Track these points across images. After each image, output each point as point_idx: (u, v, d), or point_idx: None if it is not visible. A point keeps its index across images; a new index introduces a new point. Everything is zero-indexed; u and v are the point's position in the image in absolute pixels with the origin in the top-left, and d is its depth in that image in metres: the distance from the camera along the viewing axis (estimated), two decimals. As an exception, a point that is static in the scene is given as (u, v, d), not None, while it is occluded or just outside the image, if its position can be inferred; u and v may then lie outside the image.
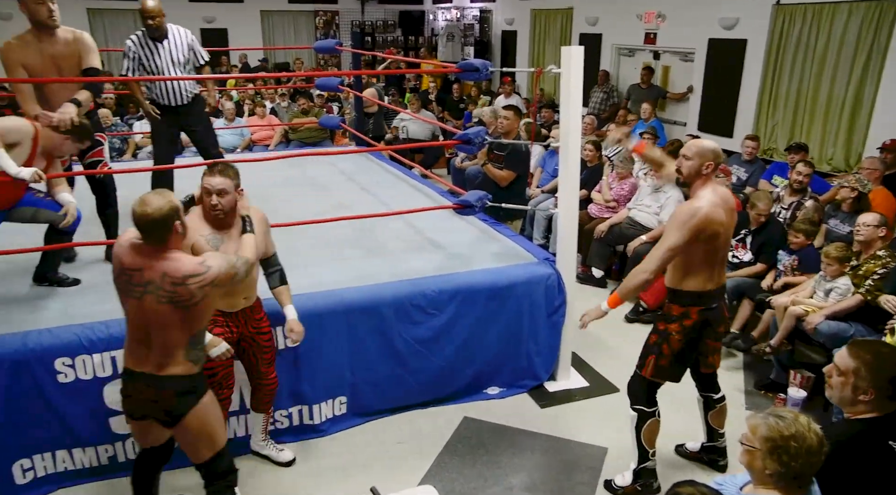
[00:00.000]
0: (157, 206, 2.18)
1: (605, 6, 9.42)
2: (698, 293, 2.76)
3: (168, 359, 2.28)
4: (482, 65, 3.74)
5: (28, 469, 2.93)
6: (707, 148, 2.71)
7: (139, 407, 2.37)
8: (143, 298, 2.23)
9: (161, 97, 4.27)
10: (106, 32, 12.59)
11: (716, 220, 2.63)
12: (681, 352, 2.83)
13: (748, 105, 7.27)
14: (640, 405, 2.90)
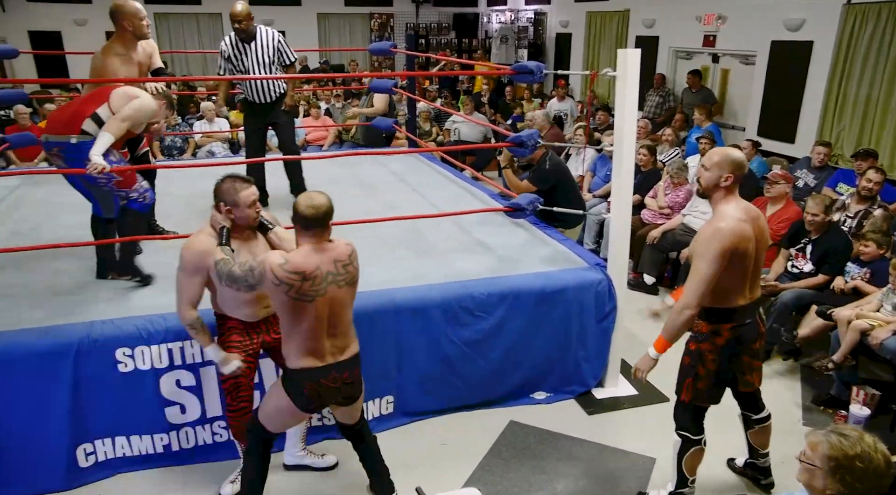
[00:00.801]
0: (325, 201, 2.39)
1: (662, 8, 9.24)
2: (730, 310, 2.62)
3: (348, 341, 2.52)
4: (536, 67, 3.72)
5: (90, 453, 3.06)
6: (727, 158, 2.54)
7: (331, 396, 2.54)
8: (327, 292, 2.39)
9: (250, 95, 4.61)
10: (170, 35, 13.06)
11: (744, 237, 2.49)
12: (718, 372, 2.69)
13: (812, 110, 7.00)
14: (686, 431, 2.77)
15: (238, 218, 2.62)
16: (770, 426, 2.98)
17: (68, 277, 3.57)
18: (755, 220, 2.59)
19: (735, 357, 2.70)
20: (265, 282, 2.36)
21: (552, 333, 3.65)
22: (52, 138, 3.25)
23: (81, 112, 3.23)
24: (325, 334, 2.44)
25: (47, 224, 4.39)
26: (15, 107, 6.97)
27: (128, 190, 3.35)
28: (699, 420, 2.78)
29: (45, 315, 3.10)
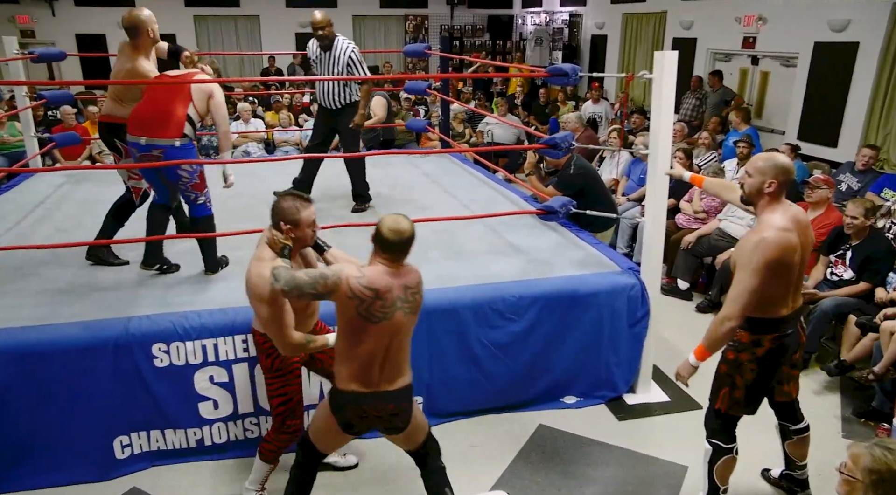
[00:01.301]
0: (408, 227, 2.35)
1: (701, 9, 9.09)
2: (774, 320, 2.54)
3: (401, 370, 2.45)
4: (571, 69, 3.69)
5: (126, 445, 3.14)
6: (770, 164, 2.46)
7: (373, 423, 2.48)
8: (394, 316, 2.33)
9: (320, 98, 4.82)
10: (209, 37, 13.32)
11: (789, 248, 2.41)
12: (755, 382, 2.62)
13: (857, 113, 6.81)
14: (717, 440, 2.72)
15: (297, 237, 2.54)
16: (809, 437, 2.90)
17: (108, 273, 3.67)
18: (803, 229, 2.51)
19: (773, 368, 2.63)
20: (338, 294, 2.27)
21: (583, 337, 3.61)
22: (155, 141, 3.37)
23: (177, 114, 3.40)
24: (379, 361, 2.38)
25: (90, 221, 4.51)
26: (62, 107, 7.19)
27: (199, 192, 3.53)
28: (731, 428, 2.72)
29: (86, 309, 3.19)
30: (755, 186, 2.49)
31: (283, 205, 2.51)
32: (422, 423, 2.63)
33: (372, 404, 2.40)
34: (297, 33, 13.58)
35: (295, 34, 13.58)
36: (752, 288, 2.41)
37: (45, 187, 5.34)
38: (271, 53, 12.56)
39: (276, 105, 8.99)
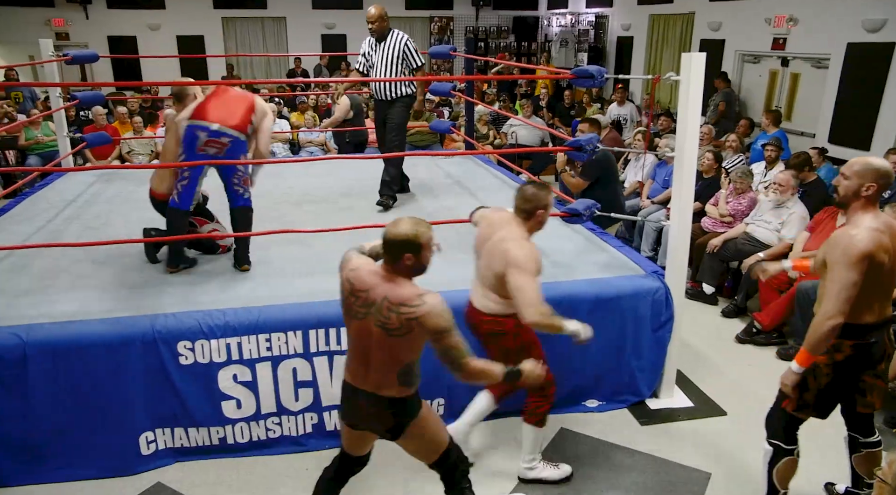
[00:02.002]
0: (404, 230, 2.23)
1: (729, 10, 8.97)
2: (855, 326, 2.46)
3: (385, 381, 2.31)
4: (597, 71, 3.66)
5: (151, 441, 3.18)
6: (870, 167, 2.41)
7: (362, 421, 2.44)
8: (366, 319, 2.27)
9: (373, 91, 5.10)
10: (236, 38, 13.49)
11: (882, 246, 2.36)
12: (829, 387, 2.55)
13: (891, 115, 6.66)
14: (778, 440, 2.65)
15: (543, 223, 2.91)
16: (880, 453, 2.77)
17: (136, 271, 3.73)
18: (894, 236, 2.45)
19: (852, 375, 2.56)
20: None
21: (606, 341, 3.58)
22: (229, 131, 3.56)
23: (246, 114, 3.65)
24: (361, 358, 2.34)
25: (118, 220, 4.60)
26: (93, 108, 7.34)
27: (246, 187, 3.75)
28: (793, 430, 2.66)
29: (114, 306, 3.25)
30: (852, 189, 2.45)
31: (540, 194, 2.88)
32: (429, 442, 2.47)
33: (353, 398, 2.39)
34: (323, 34, 13.70)
35: (321, 35, 13.70)
36: (849, 281, 2.35)
37: (77, 186, 5.45)
38: (297, 54, 12.68)
39: (301, 106, 9.08)
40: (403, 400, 2.36)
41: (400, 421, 2.38)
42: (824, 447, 3.01)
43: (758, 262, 3.01)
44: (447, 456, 2.51)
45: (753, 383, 4.00)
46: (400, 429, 2.39)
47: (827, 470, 3.12)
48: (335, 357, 3.25)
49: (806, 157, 5.39)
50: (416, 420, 2.40)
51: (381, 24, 4.80)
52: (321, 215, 4.66)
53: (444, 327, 2.21)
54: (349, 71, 12.89)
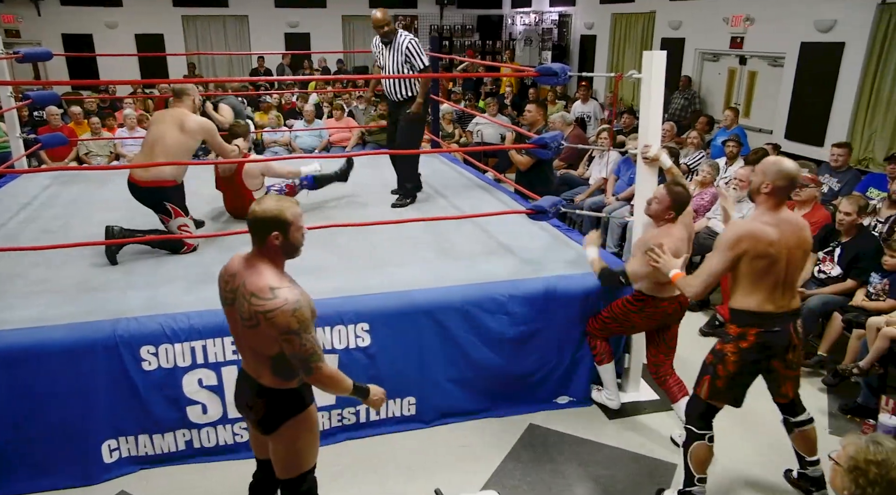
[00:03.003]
0: (265, 208, 2.10)
1: (689, 10, 9.15)
2: (755, 313, 2.63)
3: (260, 369, 2.19)
4: (561, 69, 3.70)
5: (114, 449, 3.11)
6: (774, 167, 2.58)
7: (241, 407, 2.36)
8: (233, 305, 2.17)
9: (385, 91, 5.08)
10: (197, 37, 13.25)
11: (762, 240, 2.54)
12: (737, 374, 2.70)
13: (843, 113, 6.88)
14: (690, 425, 2.81)
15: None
16: (812, 430, 2.94)
17: (97, 274, 3.64)
18: (794, 231, 2.61)
19: (758, 363, 2.70)
20: None
21: (573, 337, 3.62)
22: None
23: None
24: (239, 343, 2.26)
25: (77, 222, 4.48)
26: (47, 108, 7.13)
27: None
28: (708, 417, 2.81)
29: (73, 311, 3.16)
30: (755, 185, 2.64)
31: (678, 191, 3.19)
32: (294, 455, 2.29)
33: (239, 381, 2.32)
34: (287, 33, 13.55)
35: (284, 34, 13.55)
36: (715, 269, 2.64)
37: (32, 189, 5.29)
38: (261, 53, 12.52)
39: (264, 105, 8.96)
40: (280, 392, 2.20)
41: (272, 413, 2.21)
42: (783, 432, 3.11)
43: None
44: (301, 482, 2.33)
45: (717, 375, 4.08)
46: (272, 424, 2.22)
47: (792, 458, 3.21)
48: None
49: (764, 153, 5.53)
50: (293, 421, 2.22)
51: (390, 28, 4.81)
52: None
53: (292, 329, 2.02)
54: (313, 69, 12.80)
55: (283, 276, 2.14)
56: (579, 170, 7.01)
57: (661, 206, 3.19)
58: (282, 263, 2.17)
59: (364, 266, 3.79)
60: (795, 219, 2.68)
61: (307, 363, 2.08)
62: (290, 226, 2.11)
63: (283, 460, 2.30)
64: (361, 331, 3.26)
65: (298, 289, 2.11)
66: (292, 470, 2.30)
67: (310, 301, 2.11)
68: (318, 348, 2.10)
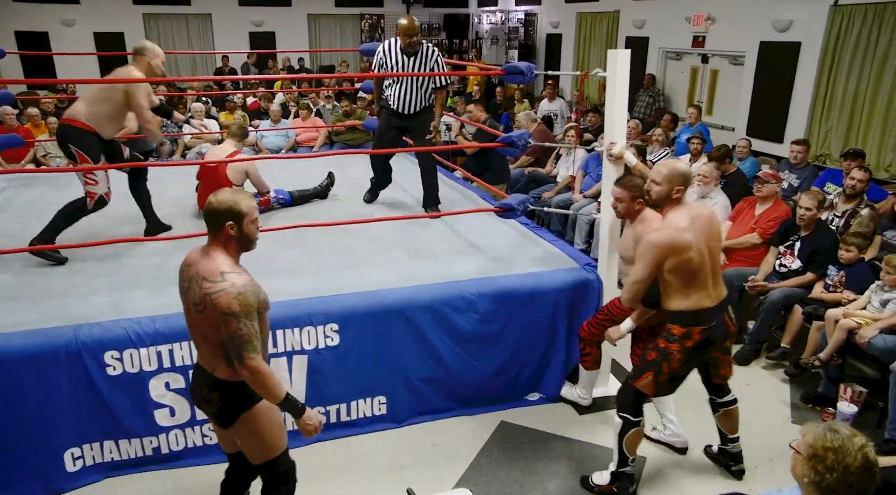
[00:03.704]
0: (225, 198, 2.18)
1: (652, 9, 9.28)
2: (696, 312, 2.73)
3: (215, 361, 2.23)
4: (527, 67, 3.72)
5: (78, 457, 3.04)
6: (678, 172, 2.71)
7: (199, 402, 2.37)
8: (187, 294, 2.22)
9: (395, 103, 4.61)
10: (160, 36, 13.00)
11: (679, 245, 2.64)
12: (681, 370, 2.84)
13: (800, 109, 7.06)
14: (626, 413, 2.90)
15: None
16: (736, 410, 3.10)
17: (57, 279, 3.55)
18: (703, 224, 2.72)
19: (701, 357, 2.86)
20: None
21: (543, 333, 3.66)
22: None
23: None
24: (191, 334, 2.31)
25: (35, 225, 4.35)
26: (1, 108, 6.91)
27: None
28: (641, 405, 2.93)
29: (34, 317, 3.07)
30: (665, 193, 2.73)
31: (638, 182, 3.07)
32: (260, 442, 2.32)
33: (195, 376, 2.35)
34: (251, 32, 13.38)
35: (249, 33, 13.37)
36: (638, 279, 2.71)
37: (-13, 192, 5.14)
38: (225, 52, 12.33)
39: (230, 105, 8.84)
40: (234, 385, 2.23)
41: (228, 406, 2.25)
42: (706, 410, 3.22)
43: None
44: (276, 465, 2.36)
45: (683, 368, 4.16)
46: (228, 417, 2.26)
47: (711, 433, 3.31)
48: (271, 360, 3.19)
49: (727, 150, 5.64)
50: (249, 413, 2.25)
51: (418, 40, 4.44)
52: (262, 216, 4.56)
53: (232, 311, 2.07)
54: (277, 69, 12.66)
55: (237, 265, 2.21)
56: (547, 167, 7.06)
57: (625, 203, 3.18)
58: (236, 254, 2.24)
59: (333, 266, 3.76)
60: (702, 211, 2.80)
61: (240, 349, 2.10)
62: (244, 217, 2.18)
63: (251, 449, 2.35)
64: (331, 331, 3.24)
65: (249, 278, 2.17)
66: (263, 456, 2.35)
67: (258, 291, 2.16)
68: (256, 340, 2.12)
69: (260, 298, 2.16)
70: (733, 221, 4.85)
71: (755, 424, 3.57)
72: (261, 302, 2.17)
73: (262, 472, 2.39)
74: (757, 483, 3.12)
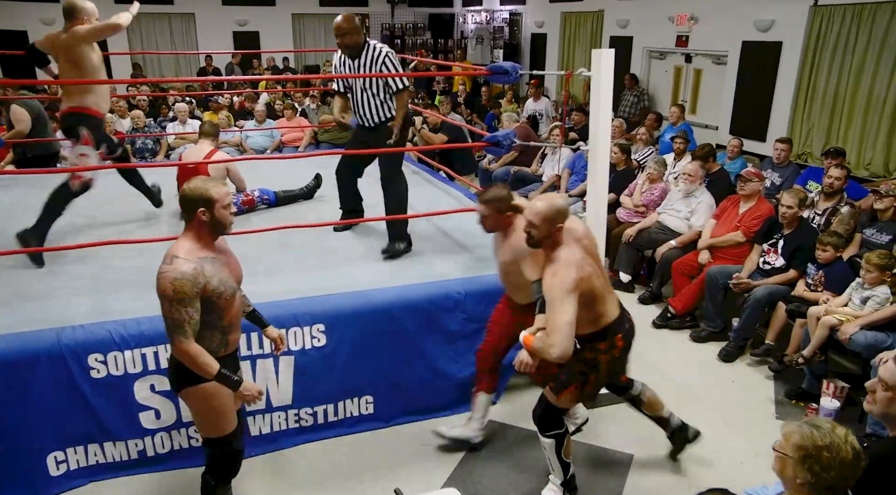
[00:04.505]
0: (192, 187, 2.31)
1: (636, 9, 9.33)
2: (613, 322, 2.71)
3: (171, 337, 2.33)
4: (511, 67, 3.72)
5: (61, 461, 3.00)
6: (554, 210, 2.56)
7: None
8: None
9: (354, 114, 4.10)
10: (142, 36, 12.88)
11: (585, 273, 2.53)
12: (606, 377, 2.85)
13: (782, 108, 7.14)
14: (556, 429, 2.85)
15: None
16: (650, 390, 3.14)
17: (38, 282, 3.50)
18: (587, 247, 2.68)
19: (625, 359, 2.86)
20: None
21: (530, 332, 3.66)
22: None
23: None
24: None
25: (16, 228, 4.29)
26: (-20, 108, 6.81)
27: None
28: (561, 417, 2.88)
29: (14, 321, 3.03)
30: (545, 233, 2.59)
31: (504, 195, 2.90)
32: (203, 422, 2.50)
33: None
34: (235, 31, 13.28)
35: (233, 33, 13.27)
36: (571, 318, 2.45)
37: (-34, 193, 5.06)
38: (208, 52, 12.24)
39: (214, 105, 8.77)
40: (173, 363, 2.41)
41: (173, 376, 2.44)
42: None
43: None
44: (212, 444, 2.52)
45: (670, 366, 4.20)
46: (174, 386, 2.46)
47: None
48: (258, 361, 3.17)
49: (710, 149, 5.69)
50: (190, 389, 2.39)
51: (354, 38, 3.80)
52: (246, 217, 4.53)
53: (165, 294, 2.22)
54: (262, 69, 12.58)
55: (202, 251, 2.31)
56: (532, 167, 7.09)
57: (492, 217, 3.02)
58: (208, 238, 2.35)
59: (319, 266, 3.75)
60: (579, 230, 2.71)
61: (170, 331, 2.26)
62: (215, 203, 2.30)
63: (199, 423, 2.55)
64: (317, 332, 3.23)
65: (200, 267, 2.25)
66: (202, 430, 2.53)
67: (200, 279, 2.24)
68: (186, 325, 2.24)
69: (208, 286, 2.26)
70: (717, 219, 4.90)
71: (740, 420, 3.60)
72: (212, 290, 2.28)
73: (208, 447, 2.54)
74: (742, 479, 3.15)
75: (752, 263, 4.49)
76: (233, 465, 2.60)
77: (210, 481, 2.59)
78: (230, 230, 2.40)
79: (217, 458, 2.55)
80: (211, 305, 2.31)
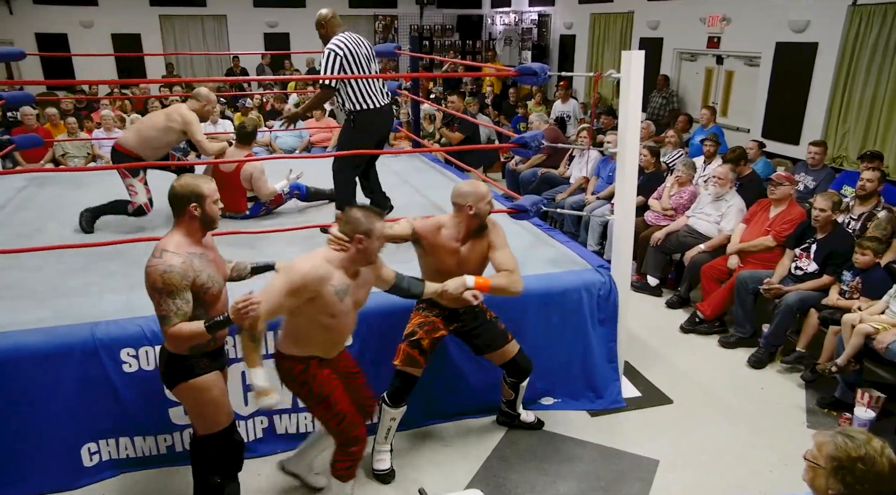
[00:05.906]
0: (183, 183, 2.38)
1: (667, 10, 9.23)
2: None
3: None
4: (540, 68, 3.71)
5: (94, 452, 3.07)
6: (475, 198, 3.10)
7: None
8: None
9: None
10: (175, 37, 13.11)
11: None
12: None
13: (817, 111, 6.98)
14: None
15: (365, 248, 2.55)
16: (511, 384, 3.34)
17: (73, 278, 3.59)
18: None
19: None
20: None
21: (557, 337, 3.63)
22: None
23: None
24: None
25: (52, 225, 4.41)
26: (21, 108, 7.00)
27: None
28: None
29: (50, 315, 3.11)
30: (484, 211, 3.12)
31: (356, 215, 2.53)
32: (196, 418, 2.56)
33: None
34: (266, 33, 13.45)
35: (263, 34, 13.44)
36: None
37: (5, 191, 5.19)
38: (239, 53, 12.41)
39: (243, 109, 8.90)
40: (171, 357, 2.43)
41: (164, 374, 2.49)
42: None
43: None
44: (206, 443, 2.54)
45: (698, 371, 4.14)
46: (167, 382, 2.50)
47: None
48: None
49: (742, 152, 5.60)
50: (183, 386, 2.44)
51: (321, 32, 4.06)
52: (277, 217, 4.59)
53: (156, 286, 2.27)
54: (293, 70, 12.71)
55: (191, 247, 2.36)
56: (560, 169, 7.04)
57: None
58: (198, 233, 2.42)
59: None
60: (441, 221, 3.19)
61: (160, 324, 2.33)
62: (206, 198, 2.38)
63: (192, 419, 2.57)
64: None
65: (189, 260, 2.30)
66: (200, 428, 2.55)
67: (189, 272, 2.28)
68: (175, 316, 2.28)
69: (197, 279, 2.32)
70: (747, 223, 4.82)
71: (769, 428, 3.54)
72: (200, 285, 2.33)
73: (204, 446, 2.55)
74: (770, 487, 3.10)
75: (784, 268, 4.41)
76: (237, 458, 2.63)
77: (216, 479, 2.59)
78: (217, 225, 2.47)
79: (219, 454, 2.57)
80: (197, 300, 2.36)
